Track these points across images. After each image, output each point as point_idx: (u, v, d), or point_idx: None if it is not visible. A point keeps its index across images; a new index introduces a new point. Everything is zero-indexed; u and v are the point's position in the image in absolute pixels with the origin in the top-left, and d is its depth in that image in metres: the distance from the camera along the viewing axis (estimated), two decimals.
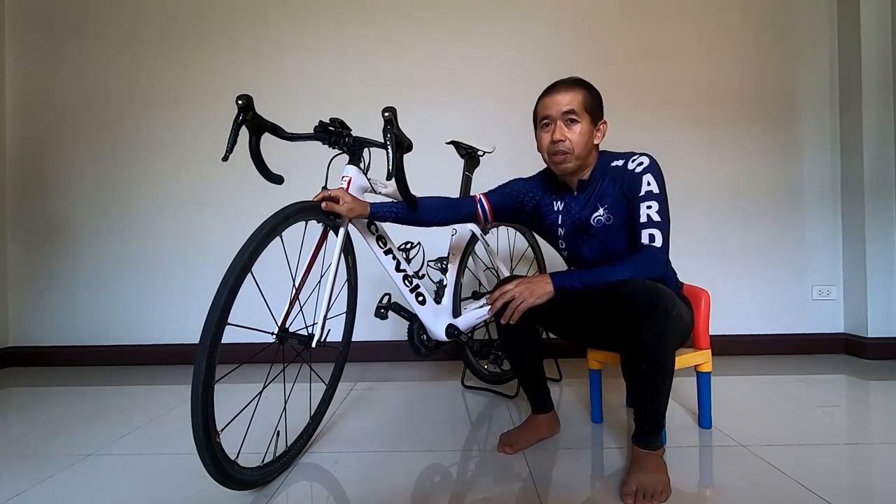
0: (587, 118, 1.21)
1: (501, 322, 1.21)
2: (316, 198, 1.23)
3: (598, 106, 1.24)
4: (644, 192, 1.18)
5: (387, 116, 1.18)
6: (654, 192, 1.17)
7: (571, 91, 1.21)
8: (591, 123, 1.22)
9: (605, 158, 1.27)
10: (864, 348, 2.31)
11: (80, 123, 2.48)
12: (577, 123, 1.20)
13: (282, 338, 1.15)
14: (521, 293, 1.16)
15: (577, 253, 1.32)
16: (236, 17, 2.47)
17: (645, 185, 1.18)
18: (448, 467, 1.21)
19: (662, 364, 1.07)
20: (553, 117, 1.21)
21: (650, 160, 1.20)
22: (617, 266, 1.13)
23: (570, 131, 1.20)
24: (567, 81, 1.23)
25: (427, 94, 2.45)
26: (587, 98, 1.21)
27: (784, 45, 2.46)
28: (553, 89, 1.23)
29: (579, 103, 1.20)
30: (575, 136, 1.20)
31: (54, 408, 1.75)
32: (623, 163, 1.23)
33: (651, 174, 1.18)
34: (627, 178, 1.20)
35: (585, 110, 1.21)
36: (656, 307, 1.03)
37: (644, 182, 1.18)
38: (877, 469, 1.16)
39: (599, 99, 1.25)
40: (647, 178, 1.18)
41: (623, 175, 1.21)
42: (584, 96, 1.21)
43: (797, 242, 2.46)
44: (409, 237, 1.77)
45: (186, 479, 1.16)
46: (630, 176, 1.20)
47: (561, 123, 1.21)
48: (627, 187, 1.20)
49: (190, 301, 2.47)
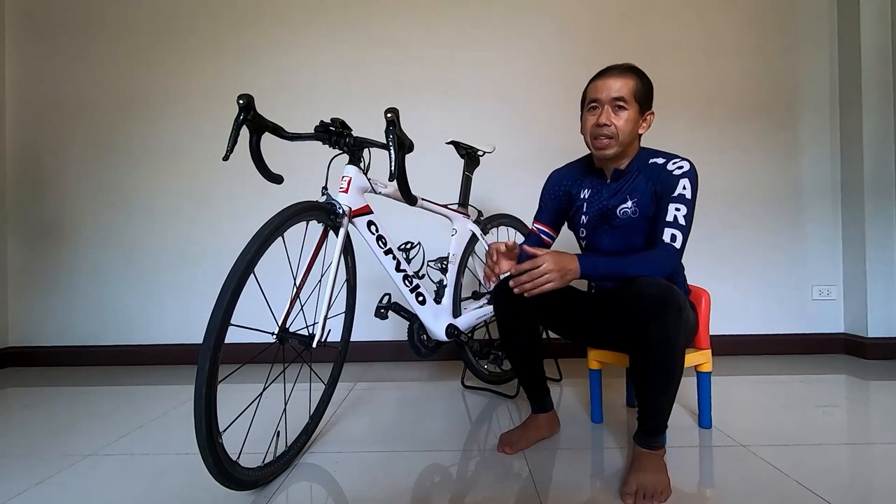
0: (635, 106, 1.21)
1: (515, 291, 1.13)
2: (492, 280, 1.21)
3: (648, 95, 1.24)
4: (678, 193, 1.18)
5: (389, 117, 1.18)
6: (686, 196, 1.18)
7: (624, 77, 1.21)
8: (638, 112, 1.22)
9: (645, 153, 1.27)
10: (864, 348, 2.31)
11: (80, 123, 2.48)
12: (625, 110, 1.20)
13: (282, 338, 1.14)
14: (545, 273, 1.10)
15: (596, 242, 1.33)
16: (236, 17, 2.47)
17: (680, 188, 1.19)
18: (448, 467, 1.21)
19: (672, 363, 1.07)
20: (602, 101, 1.21)
21: (691, 167, 1.21)
22: (637, 260, 1.14)
23: (617, 117, 1.21)
24: (621, 67, 1.23)
25: (427, 94, 2.45)
26: (638, 86, 1.21)
27: (784, 45, 2.46)
28: (605, 73, 1.23)
29: (630, 90, 1.20)
30: (621, 123, 1.20)
31: (54, 408, 1.75)
32: (664, 162, 1.23)
33: (689, 179, 1.19)
34: (664, 178, 1.21)
35: (635, 98, 1.21)
36: (669, 306, 1.03)
37: (680, 185, 1.19)
38: (877, 469, 1.16)
39: (650, 89, 1.25)
40: (684, 181, 1.19)
41: (660, 174, 1.22)
42: (635, 84, 1.21)
43: (797, 242, 2.46)
44: (409, 237, 1.77)
45: (186, 479, 1.16)
46: (667, 176, 1.21)
47: (609, 108, 1.21)
48: (661, 186, 1.21)
49: (190, 301, 2.47)
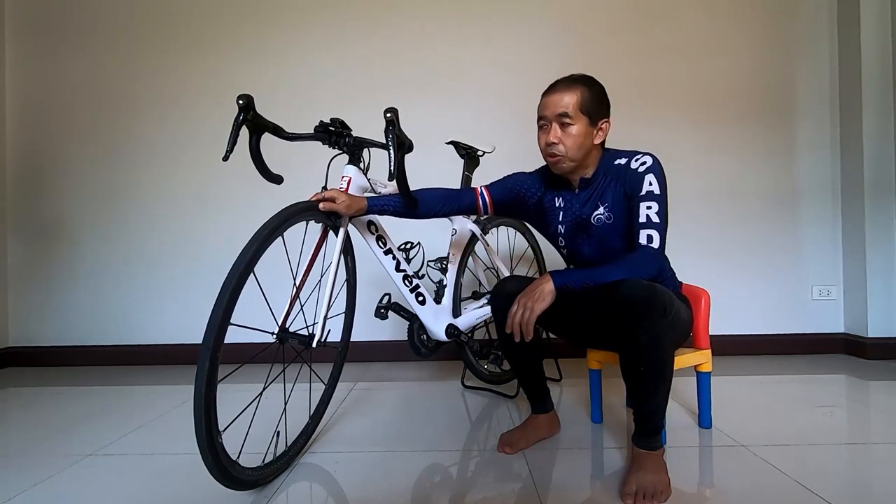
0: (583, 119, 1.18)
1: (526, 340, 1.13)
2: (313, 198, 1.22)
3: (598, 105, 1.20)
4: (645, 191, 1.17)
5: (388, 117, 1.18)
6: (654, 192, 1.17)
7: (569, 91, 1.18)
8: (588, 124, 1.19)
9: (609, 156, 1.25)
10: (864, 348, 2.31)
11: (80, 123, 2.48)
12: (572, 126, 1.18)
13: (282, 338, 1.14)
14: (524, 305, 1.12)
15: (576, 251, 1.32)
16: (236, 17, 2.47)
17: (647, 185, 1.17)
18: (448, 467, 1.21)
19: (661, 365, 1.07)
20: (548, 118, 1.20)
21: (653, 160, 1.19)
22: (614, 266, 1.12)
23: (564, 134, 1.18)
24: (566, 81, 1.21)
25: (427, 94, 2.45)
26: (585, 98, 1.18)
27: (784, 45, 2.46)
28: (551, 89, 1.21)
29: (574, 104, 1.17)
30: (569, 140, 1.18)
31: (54, 408, 1.75)
32: (626, 161, 1.22)
33: (653, 174, 1.18)
34: (629, 177, 1.20)
35: (582, 111, 1.18)
36: (654, 308, 1.03)
37: (646, 182, 1.17)
38: (877, 469, 1.16)
39: (601, 97, 1.21)
40: (649, 177, 1.17)
41: (625, 173, 1.21)
42: (580, 96, 1.18)
43: (797, 242, 2.46)
44: (409, 237, 1.77)
45: (186, 479, 1.16)
46: (632, 175, 1.19)
47: (556, 125, 1.19)
48: (629, 186, 1.19)
49: (189, 301, 2.47)
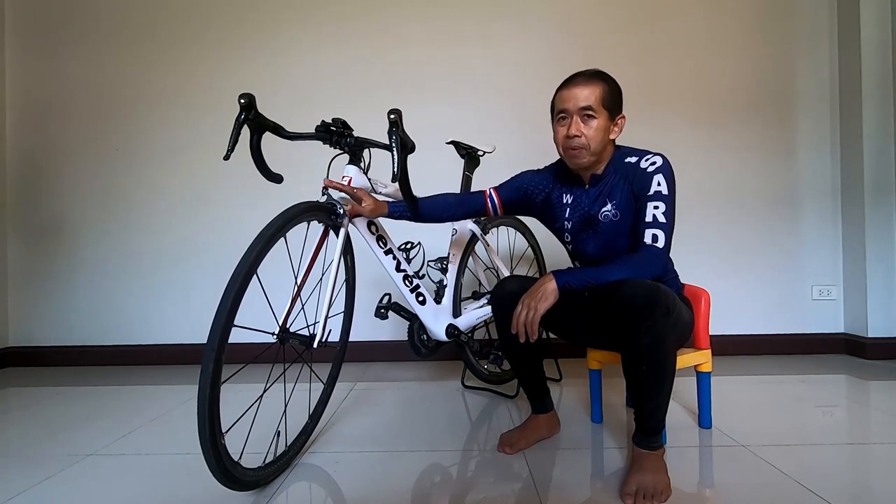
0: (605, 113, 1.19)
1: (531, 340, 1.14)
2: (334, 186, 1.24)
3: (616, 100, 1.21)
4: (653, 191, 1.17)
5: (392, 118, 1.18)
6: (662, 192, 1.17)
7: (590, 85, 1.18)
8: (608, 119, 1.20)
9: (621, 154, 1.26)
10: (864, 348, 2.31)
11: (80, 123, 2.48)
12: (594, 119, 1.18)
13: (283, 338, 1.14)
14: (528, 305, 1.13)
15: (581, 248, 1.32)
16: (236, 17, 2.47)
17: (655, 185, 1.18)
18: (448, 467, 1.21)
19: (663, 364, 1.07)
20: (570, 111, 1.19)
21: (663, 160, 1.20)
22: (617, 265, 1.13)
23: (587, 127, 1.18)
24: (586, 74, 1.21)
25: (427, 94, 2.45)
26: (606, 92, 1.19)
27: (784, 45, 2.46)
28: (571, 82, 1.21)
29: (597, 98, 1.18)
30: (591, 132, 1.18)
31: (54, 408, 1.75)
32: (636, 160, 1.22)
33: (662, 174, 1.18)
34: (638, 176, 1.20)
35: (603, 105, 1.18)
36: (657, 307, 1.03)
37: (654, 182, 1.18)
38: (877, 469, 1.16)
39: (619, 92, 1.22)
40: (658, 177, 1.18)
41: (635, 172, 1.21)
42: (602, 91, 1.18)
43: (797, 242, 2.46)
44: (409, 237, 1.77)
45: (186, 479, 1.16)
46: (641, 174, 1.20)
47: (577, 118, 1.19)
48: (637, 185, 1.20)
49: (189, 301, 2.46)
